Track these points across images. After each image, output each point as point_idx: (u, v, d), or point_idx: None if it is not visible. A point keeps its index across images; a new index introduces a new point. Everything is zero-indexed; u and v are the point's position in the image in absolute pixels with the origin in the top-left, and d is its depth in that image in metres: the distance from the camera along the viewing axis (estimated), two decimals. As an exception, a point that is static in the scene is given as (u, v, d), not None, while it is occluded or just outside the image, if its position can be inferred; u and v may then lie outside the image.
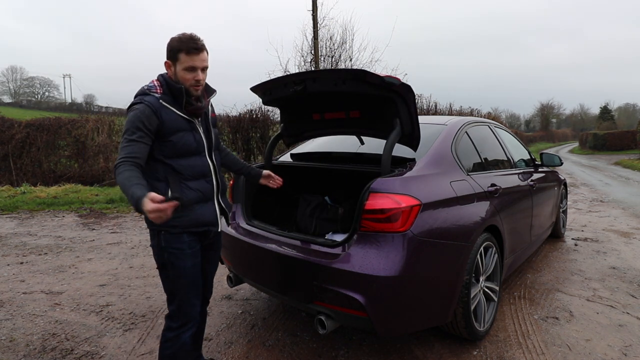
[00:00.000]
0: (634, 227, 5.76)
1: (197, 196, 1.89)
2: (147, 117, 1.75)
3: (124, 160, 1.69)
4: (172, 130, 1.81)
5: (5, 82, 65.15)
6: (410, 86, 2.26)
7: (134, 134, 1.73)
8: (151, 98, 1.81)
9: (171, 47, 1.82)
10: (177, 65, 1.83)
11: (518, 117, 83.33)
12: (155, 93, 1.83)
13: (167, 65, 1.86)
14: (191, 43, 1.80)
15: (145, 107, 1.76)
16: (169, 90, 1.84)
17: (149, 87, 1.85)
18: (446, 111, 15.87)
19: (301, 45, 12.86)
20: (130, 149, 1.71)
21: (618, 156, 22.45)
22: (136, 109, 1.77)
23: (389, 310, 2.08)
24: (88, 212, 7.11)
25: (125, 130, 1.75)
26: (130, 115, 1.77)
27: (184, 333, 1.93)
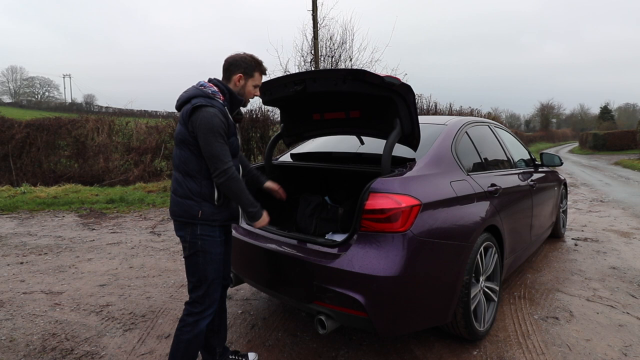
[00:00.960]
0: (634, 227, 5.76)
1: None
2: (222, 121, 1.93)
3: (230, 164, 1.93)
4: (231, 134, 2.01)
5: (5, 82, 65.20)
6: (410, 86, 2.26)
7: (222, 136, 1.92)
8: (219, 104, 1.97)
9: (248, 64, 2.07)
10: (249, 81, 2.09)
11: (518, 117, 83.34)
12: (219, 99, 2.00)
13: (239, 78, 2.07)
14: (264, 66, 2.13)
15: (218, 112, 1.93)
16: (230, 99, 2.06)
17: (213, 92, 1.99)
18: (446, 111, 15.88)
19: (301, 45, 12.89)
20: (228, 152, 1.94)
21: (618, 156, 22.45)
22: (214, 113, 1.90)
23: (389, 310, 2.08)
24: (88, 212, 7.11)
25: (214, 133, 1.89)
26: (210, 117, 1.89)
27: (204, 319, 2.05)
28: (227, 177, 1.92)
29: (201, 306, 2.04)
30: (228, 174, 1.92)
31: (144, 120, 12.32)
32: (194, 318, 2.03)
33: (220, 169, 1.91)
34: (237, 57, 2.07)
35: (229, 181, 1.92)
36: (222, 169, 1.91)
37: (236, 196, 1.98)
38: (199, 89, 1.99)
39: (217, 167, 1.91)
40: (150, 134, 11.31)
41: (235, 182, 1.94)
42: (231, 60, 2.07)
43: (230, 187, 1.95)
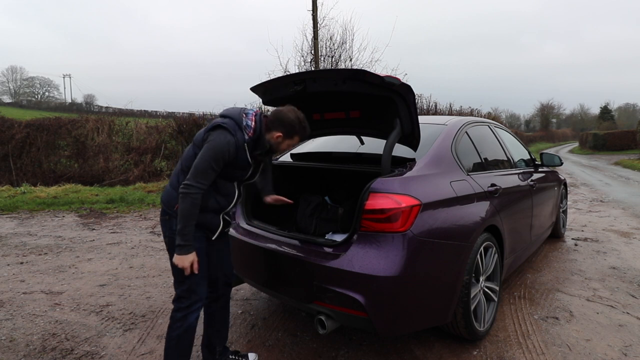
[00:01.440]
0: (634, 227, 5.76)
1: (215, 207, 2.10)
2: (230, 153, 1.96)
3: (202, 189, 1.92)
4: (235, 166, 2.04)
5: (5, 82, 65.20)
6: (410, 86, 2.26)
7: (218, 164, 1.94)
8: (241, 136, 2.00)
9: (293, 128, 2.07)
10: (286, 140, 2.11)
11: (518, 117, 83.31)
12: (247, 134, 2.02)
13: (277, 136, 2.08)
14: (308, 131, 2.14)
15: (233, 142, 1.96)
16: (256, 140, 2.06)
17: (247, 125, 2.02)
18: (446, 111, 15.87)
19: (301, 45, 12.88)
20: (210, 179, 1.95)
21: (618, 156, 22.45)
22: (228, 141, 1.94)
23: (389, 310, 2.08)
24: (88, 212, 7.11)
25: (214, 155, 1.92)
26: (220, 142, 1.93)
27: (192, 313, 2.06)
28: (187, 193, 1.89)
29: (187, 300, 2.05)
30: (190, 192, 1.90)
31: (144, 120, 12.32)
32: (181, 313, 2.05)
33: (190, 183, 1.90)
34: (284, 117, 2.06)
35: (185, 198, 1.89)
36: (190, 184, 1.90)
37: (182, 216, 1.90)
38: (238, 115, 2.04)
39: (190, 180, 1.91)
40: (150, 134, 11.31)
41: (190, 203, 1.90)
42: (279, 117, 2.07)
43: (184, 204, 1.90)
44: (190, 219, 1.91)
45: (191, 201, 1.89)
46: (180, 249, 1.93)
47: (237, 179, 2.14)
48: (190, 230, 1.93)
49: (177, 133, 10.81)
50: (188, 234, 1.92)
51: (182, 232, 1.91)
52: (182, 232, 1.91)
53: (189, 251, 1.94)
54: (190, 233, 1.93)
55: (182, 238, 1.92)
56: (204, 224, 2.08)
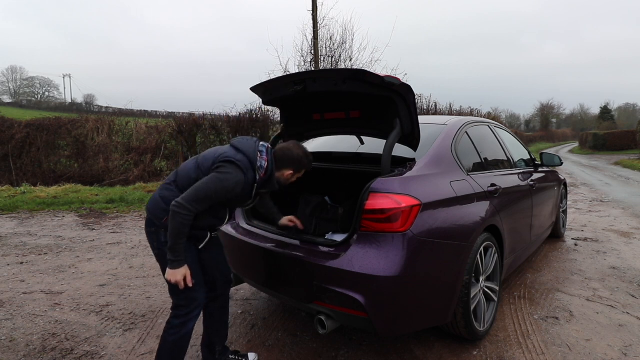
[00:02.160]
0: (634, 227, 5.76)
1: (205, 226, 2.11)
2: (236, 191, 1.97)
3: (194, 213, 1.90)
4: (236, 199, 2.05)
5: (5, 82, 65.20)
6: (410, 86, 2.26)
7: (219, 197, 1.94)
8: (252, 176, 2.02)
9: (302, 163, 2.17)
10: (296, 174, 2.19)
11: (518, 117, 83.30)
12: (259, 174, 2.04)
13: (289, 175, 2.17)
14: (310, 165, 2.21)
15: (243, 181, 1.97)
16: (267, 180, 2.09)
17: (261, 165, 2.04)
18: (446, 111, 15.88)
19: (301, 45, 12.89)
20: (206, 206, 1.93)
21: (618, 156, 22.45)
22: (238, 181, 1.95)
23: (389, 310, 2.08)
24: (88, 212, 7.11)
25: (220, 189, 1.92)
26: (232, 180, 1.94)
27: (190, 321, 2.05)
28: (179, 211, 1.86)
29: (186, 309, 2.04)
30: (183, 213, 1.86)
31: (144, 120, 12.32)
32: (179, 320, 2.04)
33: (184, 204, 1.87)
34: (294, 155, 2.14)
35: (176, 217, 1.86)
36: (184, 205, 1.87)
37: (172, 234, 1.89)
38: (254, 152, 2.03)
39: (185, 201, 1.88)
40: (150, 134, 11.31)
41: (180, 223, 1.87)
42: (288, 155, 2.14)
43: (174, 222, 1.87)
44: (180, 237, 1.89)
45: (181, 221, 1.87)
46: (172, 264, 1.92)
47: (234, 207, 2.20)
48: (181, 247, 1.91)
49: (177, 133, 10.81)
50: (179, 250, 1.91)
51: (172, 248, 1.90)
52: (172, 249, 1.90)
53: (180, 265, 1.93)
54: (181, 249, 1.92)
55: (173, 254, 1.90)
56: (191, 237, 2.06)
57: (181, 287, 1.95)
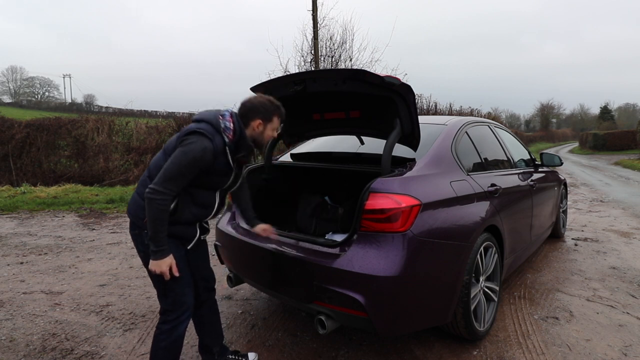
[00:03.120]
0: (634, 227, 5.76)
1: (191, 219, 1.99)
2: (206, 160, 1.84)
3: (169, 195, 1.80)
4: (214, 173, 1.93)
5: (5, 82, 65.20)
6: (410, 86, 2.26)
7: (190, 171, 1.82)
8: (220, 140, 1.88)
9: (267, 109, 1.99)
10: (268, 125, 2.01)
11: (518, 117, 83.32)
12: (227, 137, 1.91)
13: (258, 124, 1.99)
14: (283, 111, 2.05)
15: (211, 148, 1.84)
16: (238, 141, 1.95)
17: (225, 127, 1.91)
18: (446, 111, 15.88)
19: (301, 45, 12.86)
20: (179, 186, 1.83)
21: (618, 156, 22.45)
22: (204, 147, 1.82)
23: (389, 310, 2.08)
24: (88, 212, 7.11)
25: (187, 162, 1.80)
26: (196, 149, 1.81)
27: (180, 325, 1.98)
28: (154, 197, 1.77)
29: (174, 313, 1.96)
30: (157, 197, 1.77)
31: (144, 120, 12.32)
32: (169, 325, 1.96)
33: (156, 188, 1.78)
34: (255, 102, 1.99)
35: (152, 204, 1.77)
36: (157, 189, 1.78)
37: (151, 223, 1.80)
38: (215, 117, 1.91)
39: (157, 184, 1.78)
40: (150, 134, 11.32)
41: (157, 209, 1.78)
42: (249, 106, 1.99)
43: (150, 210, 1.78)
44: (160, 225, 1.80)
45: (157, 207, 1.78)
46: (154, 254, 1.82)
47: (218, 188, 2.03)
48: (163, 235, 1.82)
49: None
50: (161, 239, 1.81)
51: (154, 238, 1.80)
52: (154, 239, 1.80)
53: (164, 255, 1.83)
54: (163, 238, 1.82)
55: (156, 244, 1.81)
56: (178, 235, 1.97)
57: (167, 278, 1.86)
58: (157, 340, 1.98)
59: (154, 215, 1.78)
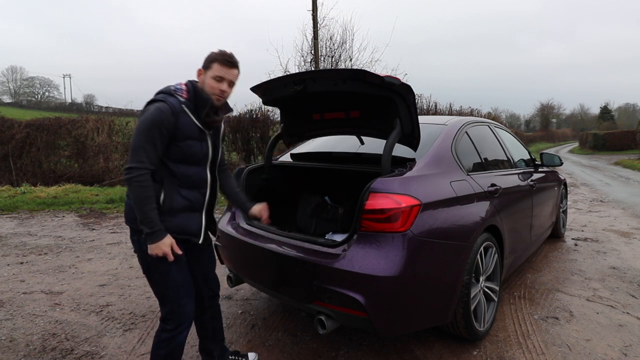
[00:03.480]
0: (634, 227, 5.76)
1: (186, 205, 1.90)
2: (167, 117, 1.76)
3: (143, 168, 1.72)
4: (184, 136, 1.83)
5: (5, 82, 65.20)
6: (410, 86, 2.26)
7: (152, 134, 1.74)
8: (174, 100, 1.82)
9: (208, 56, 1.90)
10: (207, 73, 1.88)
11: (518, 117, 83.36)
12: (180, 96, 1.84)
13: (199, 73, 1.91)
14: (227, 56, 1.89)
15: (167, 107, 1.77)
16: (195, 98, 1.87)
17: (176, 88, 1.87)
18: (446, 111, 15.87)
19: (301, 45, 12.86)
20: (150, 155, 1.75)
21: (618, 156, 22.45)
22: (158, 107, 1.76)
23: (389, 310, 2.08)
24: (88, 212, 7.11)
25: (145, 127, 1.73)
26: (150, 112, 1.76)
27: (180, 334, 1.94)
28: (131, 176, 1.71)
29: (173, 323, 1.91)
30: (133, 174, 1.71)
31: (144, 120, 12.29)
32: (168, 334, 1.92)
33: (129, 165, 1.72)
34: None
35: (131, 184, 1.72)
36: (129, 166, 1.71)
37: (136, 204, 1.73)
38: (166, 87, 1.88)
39: (128, 161, 1.72)
40: (150, 134, 11.29)
41: (138, 187, 1.71)
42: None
43: (131, 191, 1.73)
44: (146, 204, 1.73)
45: (138, 184, 1.71)
46: (151, 237, 1.75)
47: (200, 159, 1.92)
48: (153, 214, 1.74)
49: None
50: (152, 219, 1.74)
51: (144, 220, 1.73)
52: (145, 220, 1.73)
53: (161, 236, 1.75)
54: (155, 217, 1.75)
55: (148, 225, 1.74)
56: (179, 229, 1.88)
57: (171, 259, 1.79)
58: (156, 348, 1.94)
59: (137, 194, 1.71)
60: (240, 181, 2.95)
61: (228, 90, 1.93)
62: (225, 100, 1.96)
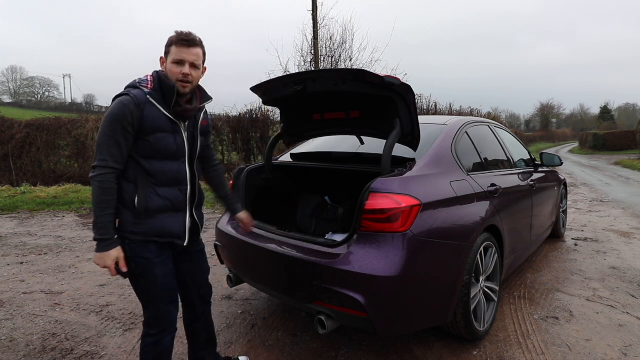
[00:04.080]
0: (634, 227, 5.76)
1: (164, 205, 1.78)
2: (130, 110, 1.66)
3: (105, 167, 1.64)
4: (152, 128, 1.72)
5: (5, 82, 65.21)
6: (410, 86, 2.26)
7: (115, 129, 1.65)
8: (138, 92, 1.72)
9: (167, 42, 1.79)
10: (168, 59, 1.78)
11: (518, 117, 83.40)
12: (144, 87, 1.74)
13: (161, 61, 1.82)
14: (183, 36, 1.76)
15: (129, 99, 1.68)
16: (160, 87, 1.76)
17: (140, 80, 1.78)
18: (446, 111, 15.87)
19: (301, 45, 12.85)
20: (114, 152, 1.66)
21: (618, 156, 22.45)
22: (120, 101, 1.68)
23: (389, 310, 2.08)
24: (88, 212, 7.11)
25: (108, 123, 1.65)
26: (112, 107, 1.68)
27: (164, 338, 1.88)
28: (92, 175, 1.64)
29: (157, 328, 1.85)
30: (94, 173, 1.64)
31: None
32: (152, 339, 1.85)
33: (93, 165, 1.65)
34: None
35: (92, 182, 1.64)
36: (93, 165, 1.65)
37: (94, 205, 1.65)
38: (131, 81, 1.80)
39: (94, 160, 1.66)
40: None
41: (96, 188, 1.63)
42: None
43: (93, 190, 1.65)
44: (103, 207, 1.63)
45: (98, 185, 1.63)
46: (98, 245, 1.64)
47: (174, 153, 1.79)
48: (107, 220, 1.65)
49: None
50: (105, 225, 1.64)
51: (97, 224, 1.64)
52: (97, 224, 1.64)
53: (109, 246, 1.65)
54: (108, 224, 1.65)
55: (98, 231, 1.63)
56: (158, 232, 1.77)
57: (113, 275, 1.70)
58: (143, 352, 1.88)
59: (95, 195, 1.64)
60: (240, 181, 2.95)
61: (192, 74, 1.77)
62: (192, 85, 1.81)
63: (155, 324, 1.86)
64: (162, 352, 1.88)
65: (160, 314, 1.84)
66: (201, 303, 2.12)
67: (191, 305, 2.10)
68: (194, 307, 2.11)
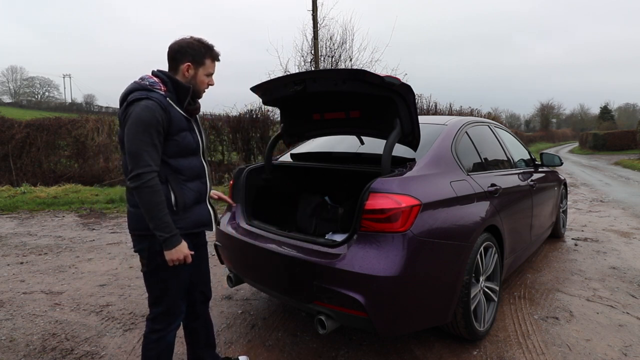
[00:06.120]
0: (634, 227, 5.75)
1: (196, 197, 1.90)
2: (160, 114, 1.70)
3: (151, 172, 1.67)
4: (177, 129, 1.80)
5: (5, 82, 65.21)
6: (410, 86, 2.26)
7: (151, 135, 1.68)
8: (158, 95, 1.75)
9: (197, 51, 1.84)
10: (199, 69, 1.86)
11: (518, 117, 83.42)
12: (159, 90, 1.78)
13: (186, 68, 1.84)
14: (216, 52, 1.90)
15: (155, 104, 1.70)
16: (174, 89, 1.82)
17: (151, 83, 1.78)
18: (446, 111, 15.88)
19: (301, 45, 12.87)
20: (154, 156, 1.70)
21: (618, 156, 22.45)
22: (146, 106, 1.68)
23: (389, 310, 2.08)
24: (88, 212, 7.11)
25: (142, 129, 1.66)
26: (140, 113, 1.67)
27: (169, 334, 1.92)
28: (140, 183, 1.64)
29: (164, 322, 1.89)
30: (142, 180, 1.64)
31: (144, 120, 12.28)
32: (157, 335, 1.88)
33: (135, 172, 1.64)
34: (183, 44, 1.82)
35: (141, 189, 1.65)
36: (137, 172, 1.64)
37: (148, 212, 1.67)
38: (137, 83, 1.79)
39: (133, 168, 1.65)
40: (151, 134, 11.29)
41: (149, 193, 1.65)
42: (177, 48, 1.82)
43: (142, 197, 1.65)
44: (160, 209, 1.67)
45: (149, 190, 1.65)
46: (168, 243, 1.71)
47: (195, 149, 1.89)
48: (168, 218, 1.70)
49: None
50: (169, 223, 1.70)
51: (160, 225, 1.68)
52: (160, 226, 1.68)
53: (179, 239, 1.73)
54: (170, 221, 1.71)
55: (165, 230, 1.69)
56: (195, 223, 1.89)
57: (189, 262, 1.79)
58: (146, 349, 1.91)
59: (148, 200, 1.66)
60: (240, 181, 2.95)
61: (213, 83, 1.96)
62: None
63: (164, 318, 1.90)
64: (165, 349, 1.92)
65: (172, 307, 1.90)
66: (202, 301, 2.16)
67: (192, 302, 2.11)
68: (194, 304, 2.13)
